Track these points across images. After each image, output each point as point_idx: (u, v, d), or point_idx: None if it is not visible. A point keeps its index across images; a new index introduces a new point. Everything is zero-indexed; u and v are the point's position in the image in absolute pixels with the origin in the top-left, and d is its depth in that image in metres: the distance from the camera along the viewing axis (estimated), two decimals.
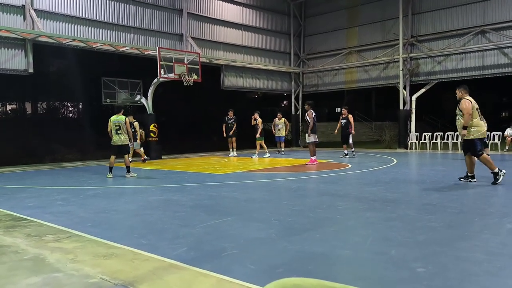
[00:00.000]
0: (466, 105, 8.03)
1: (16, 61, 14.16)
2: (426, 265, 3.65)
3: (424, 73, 20.42)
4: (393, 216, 5.67)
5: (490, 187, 8.08)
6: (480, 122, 8.14)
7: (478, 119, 8.11)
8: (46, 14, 14.79)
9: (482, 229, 4.86)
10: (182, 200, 7.22)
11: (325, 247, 4.27)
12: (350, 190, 8.11)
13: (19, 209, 6.53)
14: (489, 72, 18.58)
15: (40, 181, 10.62)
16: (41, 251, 4.31)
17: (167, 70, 15.58)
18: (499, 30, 17.95)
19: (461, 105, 8.14)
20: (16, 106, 24.97)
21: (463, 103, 8.09)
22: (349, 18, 23.10)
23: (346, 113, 15.80)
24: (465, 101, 8.10)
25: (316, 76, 24.81)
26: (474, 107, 8.08)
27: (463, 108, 8.08)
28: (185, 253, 4.14)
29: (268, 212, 6.08)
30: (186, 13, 19.11)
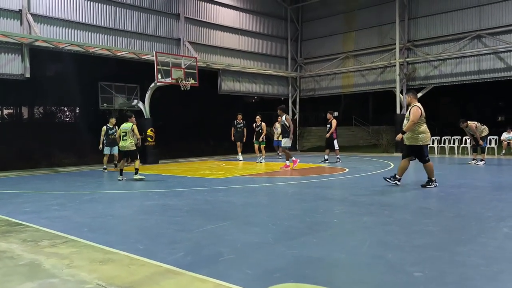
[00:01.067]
0: (416, 112, 8.11)
1: (13, 65, 14.14)
2: (423, 270, 3.64)
3: (420, 78, 20.50)
4: (390, 220, 5.66)
5: (485, 191, 8.09)
6: (427, 129, 8.27)
7: (426, 126, 8.23)
8: (43, 19, 14.79)
9: (479, 233, 4.86)
10: (179, 205, 7.20)
11: (322, 251, 4.26)
12: (347, 194, 8.11)
13: (15, 214, 6.49)
14: (485, 77, 18.68)
15: (36, 186, 10.58)
16: (37, 256, 4.28)
17: (164, 74, 15.59)
18: (495, 35, 18.06)
19: (411, 111, 8.21)
20: (12, 110, 24.93)
21: (414, 109, 8.17)
22: (346, 22, 23.21)
23: (331, 117, 15.59)
24: (415, 108, 8.17)
25: (313, 80, 24.87)
26: (423, 114, 8.17)
27: (412, 114, 8.17)
28: (182, 258, 4.12)
29: (265, 217, 6.07)
30: (184, 17, 19.15)
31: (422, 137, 8.19)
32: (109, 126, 13.36)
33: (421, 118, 8.13)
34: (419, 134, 8.17)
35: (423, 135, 8.18)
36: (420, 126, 8.18)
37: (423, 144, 8.23)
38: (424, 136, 8.18)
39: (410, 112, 8.25)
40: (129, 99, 18.53)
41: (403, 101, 20.49)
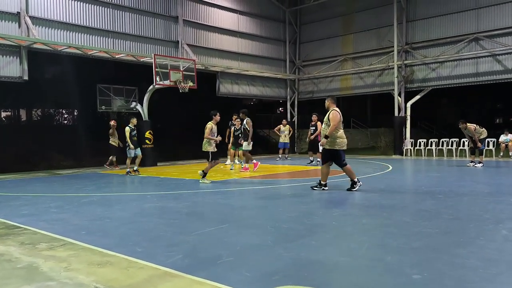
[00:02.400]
0: (335, 116, 8.20)
1: (11, 68, 14.12)
2: (422, 272, 3.64)
3: (418, 80, 20.54)
4: (389, 222, 5.67)
5: (483, 193, 8.09)
6: (344, 135, 8.37)
7: (342, 132, 8.33)
8: (41, 21, 14.78)
9: (477, 236, 4.87)
10: (177, 207, 7.19)
11: (321, 254, 4.25)
12: (345, 196, 8.11)
13: (13, 217, 6.47)
14: (483, 79, 18.73)
15: (34, 188, 10.55)
16: (35, 259, 4.27)
17: (162, 77, 15.58)
18: (493, 38, 18.12)
19: (330, 116, 8.28)
20: (10, 113, 24.90)
21: (333, 113, 8.26)
22: (344, 25, 23.26)
23: (316, 119, 15.30)
24: (334, 112, 8.27)
25: (311, 83, 24.90)
26: (341, 119, 8.28)
27: (331, 118, 8.24)
28: (180, 260, 4.11)
29: (264, 219, 6.07)
30: (182, 20, 19.16)
31: (339, 141, 8.27)
32: (131, 126, 13.08)
33: (339, 123, 8.23)
34: (336, 139, 8.25)
35: (340, 140, 8.27)
36: (338, 131, 8.26)
37: (340, 149, 8.31)
38: (341, 141, 8.28)
39: (329, 116, 8.33)
40: (128, 102, 18.52)
41: (402, 104, 20.54)
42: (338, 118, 8.22)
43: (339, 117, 8.25)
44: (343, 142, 8.33)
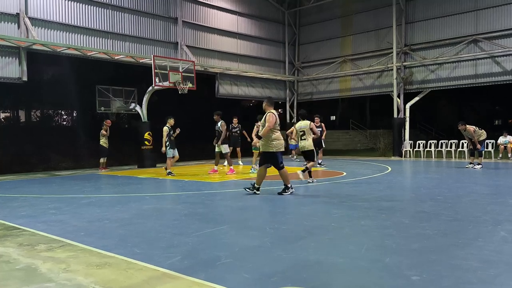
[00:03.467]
0: (271, 118, 8.18)
1: (10, 69, 14.12)
2: (421, 273, 3.64)
3: (417, 82, 20.58)
4: (388, 224, 5.67)
5: (482, 195, 8.09)
6: (281, 136, 8.34)
7: (279, 134, 8.27)
8: (40, 22, 14.79)
9: (476, 237, 4.87)
10: (176, 209, 7.19)
11: (320, 255, 4.25)
12: (344, 198, 8.11)
13: (11, 218, 6.46)
14: (482, 81, 18.76)
15: (33, 189, 10.54)
16: (33, 260, 4.26)
17: (162, 78, 15.59)
18: (492, 39, 18.15)
19: (266, 117, 8.27)
20: (9, 114, 24.88)
21: (269, 115, 8.24)
22: (343, 27, 23.29)
23: (319, 121, 15.16)
24: (270, 114, 8.25)
25: (310, 84, 24.92)
26: (277, 122, 8.25)
27: (267, 120, 8.23)
28: (179, 262, 4.11)
29: (263, 220, 6.07)
30: (181, 21, 19.18)
31: (275, 144, 8.22)
32: (168, 127, 12.98)
33: (275, 125, 8.20)
34: (272, 141, 8.21)
35: (276, 142, 8.22)
36: (274, 133, 8.22)
37: (277, 151, 8.26)
38: (277, 143, 8.23)
39: (265, 118, 8.32)
40: (127, 103, 18.52)
41: (401, 105, 20.57)
42: (274, 120, 8.16)
43: (275, 119, 8.19)
44: (280, 144, 8.26)
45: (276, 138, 8.24)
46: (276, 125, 8.24)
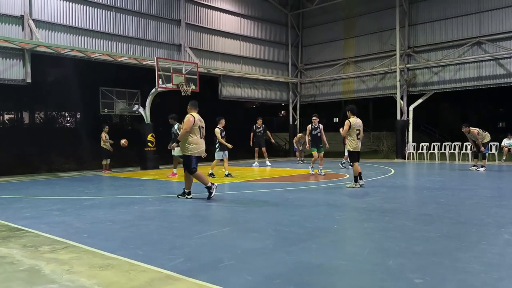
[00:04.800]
0: (188, 121, 8.06)
1: (14, 70, 14.18)
2: (424, 276, 3.63)
3: (421, 84, 20.54)
4: (391, 226, 5.65)
5: (485, 198, 8.06)
6: (200, 141, 8.13)
7: (198, 137, 8.13)
8: (44, 24, 14.85)
9: (479, 240, 4.85)
10: (179, 211, 7.19)
11: (322, 257, 4.25)
12: (347, 200, 8.10)
13: (15, 220, 6.49)
14: (485, 83, 18.71)
15: (36, 191, 10.57)
16: (37, 262, 4.27)
17: (165, 80, 15.63)
18: (495, 41, 18.11)
19: (184, 120, 8.17)
20: (13, 115, 24.97)
21: (186, 118, 8.15)
22: (346, 29, 23.29)
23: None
24: (189, 116, 8.15)
25: (313, 86, 24.92)
26: (197, 124, 8.10)
27: (184, 122, 8.15)
28: (182, 264, 4.11)
29: (265, 222, 6.06)
30: (185, 23, 19.23)
31: (192, 147, 8.10)
32: (220, 128, 12.76)
33: (193, 128, 8.05)
34: (189, 144, 8.10)
35: (192, 146, 8.09)
36: (191, 136, 8.08)
37: (192, 155, 8.13)
38: (193, 147, 8.09)
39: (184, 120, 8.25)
40: (130, 105, 18.56)
41: (404, 107, 20.53)
42: (191, 123, 8.01)
43: (193, 122, 8.03)
44: (196, 148, 8.12)
45: (193, 142, 8.07)
46: (194, 127, 8.05)
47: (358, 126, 9.64)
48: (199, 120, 8.21)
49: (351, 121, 9.55)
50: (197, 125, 8.10)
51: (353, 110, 9.76)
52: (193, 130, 8.05)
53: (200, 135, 8.18)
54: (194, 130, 8.06)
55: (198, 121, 8.15)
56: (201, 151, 8.23)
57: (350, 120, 9.58)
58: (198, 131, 8.13)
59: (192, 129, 8.04)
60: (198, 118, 8.19)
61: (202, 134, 8.27)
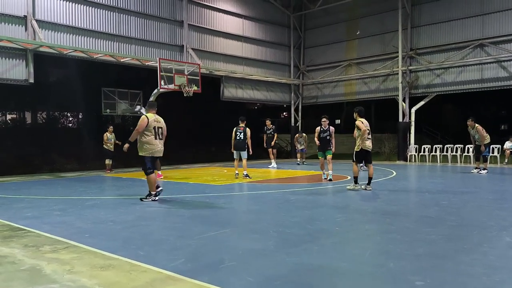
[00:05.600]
0: (141, 121, 8.10)
1: (17, 71, 14.22)
2: (425, 279, 3.62)
3: (423, 86, 20.52)
4: (392, 228, 5.65)
5: (487, 200, 8.04)
6: (155, 141, 8.14)
7: (152, 138, 8.12)
8: (47, 25, 14.89)
9: (481, 243, 4.84)
10: (180, 211, 7.20)
11: (324, 259, 4.24)
12: (348, 202, 8.09)
13: (16, 219, 6.50)
14: (488, 85, 18.68)
15: (38, 191, 10.59)
16: (38, 261, 4.28)
17: (167, 81, 15.63)
18: (498, 44, 18.08)
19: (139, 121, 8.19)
20: (16, 115, 25.04)
21: (141, 119, 8.20)
22: (348, 30, 23.28)
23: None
24: (143, 118, 8.19)
25: (315, 87, 24.92)
26: (152, 125, 8.10)
27: (138, 124, 8.17)
28: (183, 264, 4.11)
29: (266, 224, 6.06)
30: (187, 24, 19.25)
31: (146, 148, 8.12)
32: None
33: (147, 128, 8.07)
34: (143, 145, 8.14)
35: (146, 146, 8.11)
36: (145, 137, 8.10)
37: (146, 155, 8.15)
38: (147, 147, 8.10)
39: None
40: (132, 105, 18.58)
41: (406, 109, 20.51)
42: (145, 123, 8.04)
43: (146, 123, 8.05)
44: (151, 149, 8.11)
45: (147, 142, 8.08)
46: (149, 128, 8.07)
47: (368, 126, 9.61)
48: (155, 121, 8.22)
49: (363, 121, 9.52)
50: (151, 125, 8.11)
51: (361, 112, 9.70)
52: (148, 130, 8.09)
53: (156, 136, 8.20)
54: (148, 131, 8.10)
55: (153, 122, 8.16)
56: (156, 151, 8.23)
57: (362, 120, 9.53)
58: (153, 132, 8.15)
59: (147, 130, 8.08)
60: (153, 119, 8.21)
61: (160, 135, 8.29)
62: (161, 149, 8.31)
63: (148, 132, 8.08)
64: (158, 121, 8.29)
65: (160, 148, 8.23)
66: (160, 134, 8.25)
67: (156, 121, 8.23)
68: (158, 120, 8.28)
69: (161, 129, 8.30)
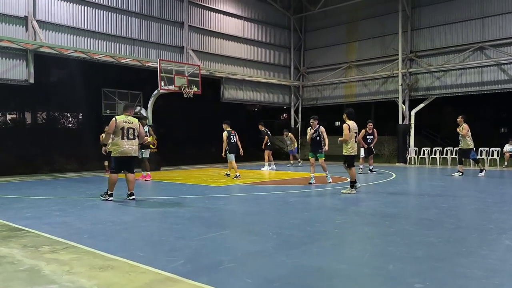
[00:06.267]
0: (110, 124, 8.31)
1: (17, 71, 14.23)
2: (424, 281, 3.62)
3: (423, 88, 20.54)
4: (391, 231, 5.65)
5: (487, 203, 8.05)
6: (121, 142, 8.26)
7: (119, 138, 8.27)
8: (48, 25, 14.91)
9: (480, 245, 4.84)
10: (180, 212, 7.19)
11: (323, 261, 4.24)
12: (348, 204, 8.09)
13: (16, 220, 6.50)
14: (487, 88, 18.70)
15: (37, 191, 10.58)
16: (37, 262, 4.28)
17: (167, 82, 15.65)
18: (498, 47, 18.11)
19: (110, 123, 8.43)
20: (16, 115, 25.00)
21: (111, 121, 8.35)
22: (348, 33, 23.31)
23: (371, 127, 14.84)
24: (112, 120, 8.37)
25: (315, 89, 24.93)
26: (119, 126, 8.26)
27: (109, 126, 8.41)
28: (182, 266, 4.11)
29: (266, 225, 6.06)
30: (187, 26, 19.27)
31: (114, 148, 8.38)
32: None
33: (115, 130, 8.25)
34: (112, 146, 8.42)
35: (114, 147, 8.36)
36: (113, 138, 8.33)
37: (113, 156, 8.42)
38: (114, 148, 8.34)
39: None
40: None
41: (406, 112, 20.52)
42: (112, 126, 8.25)
43: (114, 125, 8.24)
44: (117, 149, 8.31)
45: (115, 143, 8.30)
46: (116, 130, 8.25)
47: (356, 129, 9.61)
48: (124, 122, 8.35)
49: (349, 124, 9.43)
50: (119, 126, 8.27)
51: (350, 114, 9.62)
52: (116, 131, 8.27)
53: (124, 136, 8.32)
54: (116, 132, 8.27)
55: (121, 123, 8.31)
56: (123, 151, 8.34)
57: (349, 123, 9.46)
58: (121, 133, 8.28)
59: (115, 131, 8.26)
60: (123, 120, 8.35)
61: (131, 135, 8.41)
62: (131, 149, 8.42)
63: (116, 133, 8.29)
64: (129, 122, 8.44)
65: (127, 148, 8.36)
66: (131, 135, 8.40)
67: (126, 122, 8.39)
68: (128, 121, 8.43)
69: (133, 130, 8.44)
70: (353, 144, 9.45)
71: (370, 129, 14.65)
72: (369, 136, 14.69)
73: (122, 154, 8.33)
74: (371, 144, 14.81)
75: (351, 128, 9.36)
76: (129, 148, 8.34)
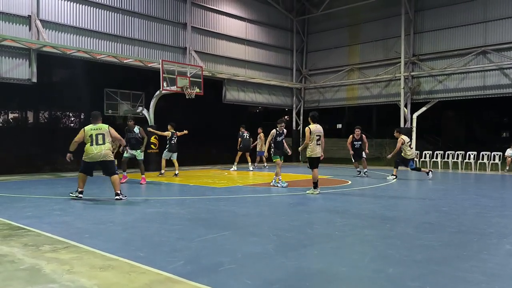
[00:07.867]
0: (79, 133, 8.73)
1: (20, 70, 14.26)
2: (424, 285, 3.62)
3: (425, 92, 20.52)
4: (392, 234, 5.64)
5: (488, 207, 8.04)
6: (90, 148, 8.62)
7: (88, 145, 8.61)
8: (51, 25, 14.95)
9: (481, 250, 4.84)
10: (180, 213, 7.20)
11: (323, 263, 4.24)
12: (349, 206, 8.09)
13: (17, 218, 6.51)
14: (490, 92, 18.68)
15: (39, 190, 10.60)
16: (38, 261, 4.29)
17: (169, 82, 15.67)
18: (500, 51, 18.09)
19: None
20: (18, 115, 25.05)
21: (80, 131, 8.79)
22: (351, 35, 23.32)
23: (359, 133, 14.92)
24: (81, 130, 8.77)
25: (317, 92, 24.93)
26: (87, 134, 8.61)
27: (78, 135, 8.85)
28: (182, 266, 4.12)
29: (266, 227, 6.06)
30: (190, 27, 19.30)
31: (84, 154, 8.69)
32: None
33: (85, 138, 8.64)
34: (85, 151, 8.70)
35: (85, 153, 8.69)
36: (85, 144, 8.69)
37: (83, 160, 8.72)
38: (85, 154, 8.69)
39: None
40: (134, 106, 18.61)
41: (408, 115, 20.51)
42: (81, 136, 8.65)
43: (82, 136, 8.64)
44: (86, 156, 8.64)
45: (85, 149, 8.70)
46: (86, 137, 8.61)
47: (318, 132, 9.83)
48: (92, 129, 8.66)
49: (311, 127, 9.80)
50: (87, 135, 8.60)
51: (314, 117, 10.02)
52: (86, 139, 8.63)
53: (93, 143, 8.63)
54: (87, 140, 8.63)
55: (90, 131, 8.64)
56: (91, 157, 8.63)
57: (310, 126, 9.83)
58: (90, 140, 8.60)
59: (85, 139, 8.64)
60: (90, 128, 8.69)
61: (100, 140, 8.67)
62: (99, 155, 8.65)
63: (86, 140, 8.64)
64: (98, 128, 8.78)
65: (96, 153, 8.63)
66: (100, 140, 8.69)
67: (94, 129, 8.75)
68: (97, 128, 8.78)
69: (102, 135, 8.72)
70: (313, 147, 9.70)
71: (358, 135, 14.73)
72: (356, 142, 14.78)
73: (91, 160, 8.68)
74: (358, 150, 14.83)
75: (312, 131, 9.71)
76: (97, 154, 8.61)
